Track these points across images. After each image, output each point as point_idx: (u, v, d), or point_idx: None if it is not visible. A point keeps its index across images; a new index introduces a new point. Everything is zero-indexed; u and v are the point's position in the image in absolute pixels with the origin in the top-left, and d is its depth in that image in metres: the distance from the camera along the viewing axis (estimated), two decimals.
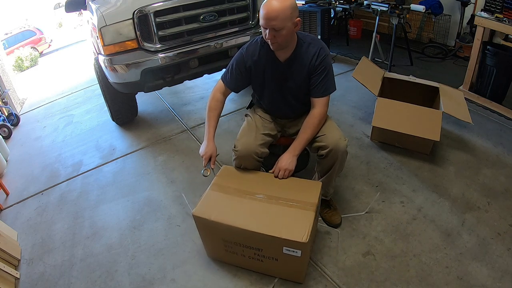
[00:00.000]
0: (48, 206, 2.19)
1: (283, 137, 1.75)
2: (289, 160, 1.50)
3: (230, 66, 1.57)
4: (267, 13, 1.30)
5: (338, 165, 1.53)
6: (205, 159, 1.55)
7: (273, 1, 1.29)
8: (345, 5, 3.76)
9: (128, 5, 2.27)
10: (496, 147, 2.21)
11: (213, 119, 1.59)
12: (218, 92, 1.61)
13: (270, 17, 1.29)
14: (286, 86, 1.54)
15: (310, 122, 1.50)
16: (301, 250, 1.26)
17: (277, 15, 1.28)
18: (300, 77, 1.49)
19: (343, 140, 1.49)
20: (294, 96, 1.58)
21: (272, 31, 1.32)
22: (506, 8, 2.45)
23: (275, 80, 1.54)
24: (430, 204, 1.81)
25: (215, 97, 1.61)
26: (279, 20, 1.29)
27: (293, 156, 1.51)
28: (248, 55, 1.52)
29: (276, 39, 1.35)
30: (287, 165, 1.50)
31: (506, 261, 1.47)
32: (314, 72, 1.47)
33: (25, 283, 1.65)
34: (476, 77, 2.79)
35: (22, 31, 10.11)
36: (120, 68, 2.30)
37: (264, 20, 1.32)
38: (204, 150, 1.56)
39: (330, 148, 1.46)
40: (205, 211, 1.39)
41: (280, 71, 1.51)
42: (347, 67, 3.67)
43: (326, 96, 1.50)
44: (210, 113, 1.60)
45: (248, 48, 1.53)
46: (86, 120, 3.39)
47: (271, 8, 1.29)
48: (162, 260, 1.65)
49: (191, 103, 3.30)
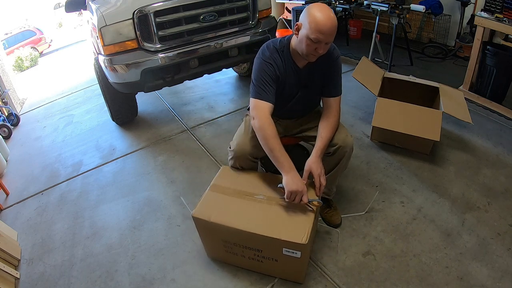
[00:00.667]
0: (48, 206, 2.19)
1: (284, 137, 1.74)
2: (320, 164, 1.40)
3: (262, 81, 1.40)
4: (328, 29, 1.24)
5: (344, 163, 1.53)
6: (296, 198, 1.31)
7: (329, 15, 1.24)
8: (345, 5, 3.75)
9: (128, 5, 2.27)
10: (496, 147, 2.21)
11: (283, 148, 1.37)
12: (267, 113, 1.38)
13: (331, 32, 1.25)
14: (304, 92, 1.53)
15: (330, 121, 1.46)
16: (300, 251, 1.26)
17: (335, 29, 1.25)
18: (317, 80, 1.49)
19: (349, 137, 1.49)
20: (308, 100, 1.58)
21: (325, 45, 1.29)
22: (506, 8, 2.45)
23: (295, 87, 1.50)
24: (430, 204, 1.81)
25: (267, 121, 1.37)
26: (334, 34, 1.27)
27: (321, 159, 1.42)
28: (275, 64, 1.42)
29: (324, 50, 1.32)
30: (322, 169, 1.39)
31: (506, 261, 1.47)
32: (329, 72, 1.47)
33: (25, 283, 1.65)
34: (476, 77, 2.79)
35: (22, 31, 10.11)
36: (120, 68, 2.30)
37: (323, 35, 1.25)
38: (294, 187, 1.30)
39: (339, 145, 1.46)
40: (205, 212, 1.38)
41: (300, 78, 1.48)
42: (347, 67, 3.66)
43: (339, 95, 1.51)
44: (274, 140, 1.35)
45: (273, 57, 1.42)
46: (86, 120, 3.39)
47: (331, 23, 1.24)
48: (162, 260, 1.65)
49: (191, 103, 3.30)
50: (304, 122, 1.66)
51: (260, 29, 2.66)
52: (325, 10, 1.25)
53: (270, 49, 1.44)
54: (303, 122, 1.67)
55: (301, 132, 1.68)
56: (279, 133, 1.65)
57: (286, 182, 1.31)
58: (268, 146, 1.35)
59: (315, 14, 1.25)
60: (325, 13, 1.24)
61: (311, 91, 1.53)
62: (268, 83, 1.40)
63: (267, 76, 1.40)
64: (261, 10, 2.69)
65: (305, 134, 1.67)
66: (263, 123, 1.36)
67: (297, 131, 1.69)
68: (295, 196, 1.30)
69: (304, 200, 1.32)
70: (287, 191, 1.31)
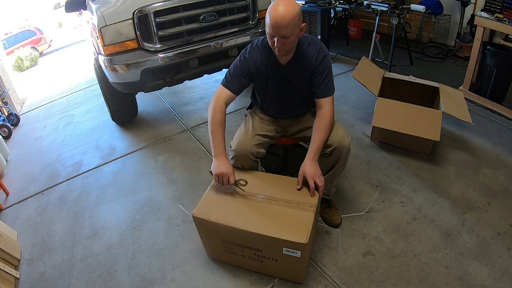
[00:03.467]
0: (48, 206, 2.19)
1: (284, 137, 1.74)
2: (315, 166, 1.41)
3: (233, 72, 1.51)
4: (277, 22, 1.25)
5: (341, 163, 1.53)
6: (223, 180, 1.41)
7: (281, 9, 1.24)
8: (345, 5, 3.76)
9: (128, 5, 2.27)
10: (496, 147, 2.21)
11: (221, 134, 1.45)
12: (221, 100, 1.49)
13: (280, 26, 1.25)
14: (289, 89, 1.54)
15: (322, 123, 1.45)
16: (301, 251, 1.26)
17: (287, 23, 1.24)
18: (302, 78, 1.49)
19: (346, 138, 1.48)
20: (296, 98, 1.58)
21: (281, 38, 1.29)
22: (506, 8, 2.45)
23: (278, 83, 1.52)
24: (430, 204, 1.81)
25: (218, 107, 1.47)
26: (289, 28, 1.25)
27: (316, 161, 1.43)
28: (251, 61, 1.48)
29: (284, 46, 1.32)
30: (316, 171, 1.40)
31: (506, 261, 1.47)
32: (315, 72, 1.45)
33: (25, 283, 1.65)
34: (476, 77, 2.79)
35: (22, 31, 10.11)
36: (120, 68, 2.30)
37: (273, 28, 1.27)
38: (219, 169, 1.40)
39: (335, 146, 1.46)
40: (205, 212, 1.39)
41: (282, 74, 1.49)
42: (347, 67, 3.67)
43: (330, 95, 1.48)
44: (215, 126, 1.45)
45: (251, 53, 1.48)
46: (86, 120, 3.39)
47: (281, 17, 1.24)
48: (162, 260, 1.65)
49: (191, 103, 3.30)
50: (302, 122, 1.67)
51: (260, 29, 2.66)
52: (281, 5, 1.25)
53: (253, 46, 1.50)
54: (301, 122, 1.67)
55: (299, 132, 1.68)
56: (278, 132, 1.69)
57: (213, 166, 1.43)
58: (210, 129, 1.47)
59: (270, 8, 1.27)
60: (278, 7, 1.25)
61: (296, 87, 1.52)
62: (236, 75, 1.49)
63: (238, 69, 1.49)
64: (261, 10, 2.69)
65: (303, 134, 1.67)
66: (213, 108, 1.47)
67: (296, 131, 1.69)
68: (222, 178, 1.39)
69: (230, 181, 1.40)
70: (214, 174, 1.42)
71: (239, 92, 1.57)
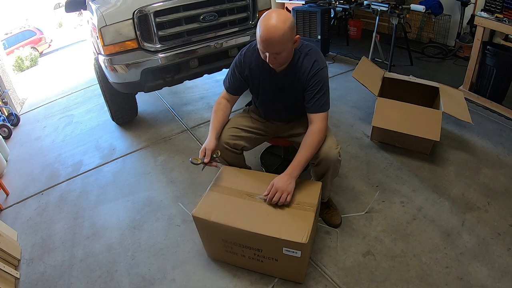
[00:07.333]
0: (48, 206, 2.19)
1: (278, 137, 1.74)
2: (288, 182, 1.34)
3: (231, 71, 1.56)
4: (267, 39, 1.22)
5: (331, 172, 1.49)
6: (201, 151, 1.47)
7: (271, 25, 1.20)
8: (345, 5, 3.76)
9: (128, 5, 2.27)
10: (496, 147, 2.21)
11: (215, 119, 1.55)
12: (222, 98, 1.60)
13: (272, 43, 1.22)
14: (281, 96, 1.53)
15: (309, 140, 1.38)
16: (301, 251, 1.26)
17: (278, 40, 1.21)
18: (294, 89, 1.46)
19: (334, 149, 1.42)
20: (289, 105, 1.56)
21: (272, 54, 1.27)
22: (506, 8, 2.45)
23: (270, 89, 1.52)
24: (430, 204, 1.81)
25: (219, 102, 1.59)
26: (280, 45, 1.23)
27: (292, 178, 1.35)
28: (246, 62, 1.48)
29: (277, 60, 1.31)
30: (285, 186, 1.33)
31: (506, 261, 1.47)
32: (308, 86, 1.40)
33: (25, 283, 1.65)
34: (476, 77, 2.79)
35: (22, 31, 10.11)
36: (120, 68, 2.30)
37: (264, 45, 1.24)
38: (204, 144, 1.51)
39: (321, 158, 1.42)
40: (205, 212, 1.38)
41: (275, 81, 1.47)
42: (347, 67, 3.67)
43: (322, 112, 1.40)
44: (213, 114, 1.57)
45: (246, 55, 1.48)
46: (86, 120, 3.39)
47: (271, 34, 1.20)
48: (162, 260, 1.65)
49: (191, 103, 3.30)
50: (294, 127, 1.65)
51: None
52: (271, 19, 1.21)
53: (250, 48, 1.49)
54: (293, 127, 1.66)
55: (291, 137, 1.68)
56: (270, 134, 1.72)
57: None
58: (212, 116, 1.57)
59: (260, 23, 1.23)
60: (269, 22, 1.21)
61: (288, 95, 1.50)
62: (232, 76, 1.55)
63: (234, 71, 1.54)
64: (261, 10, 2.69)
65: (294, 139, 1.67)
66: (216, 103, 1.59)
67: (287, 135, 1.69)
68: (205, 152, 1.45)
69: (207, 154, 1.45)
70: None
71: (239, 92, 1.59)
